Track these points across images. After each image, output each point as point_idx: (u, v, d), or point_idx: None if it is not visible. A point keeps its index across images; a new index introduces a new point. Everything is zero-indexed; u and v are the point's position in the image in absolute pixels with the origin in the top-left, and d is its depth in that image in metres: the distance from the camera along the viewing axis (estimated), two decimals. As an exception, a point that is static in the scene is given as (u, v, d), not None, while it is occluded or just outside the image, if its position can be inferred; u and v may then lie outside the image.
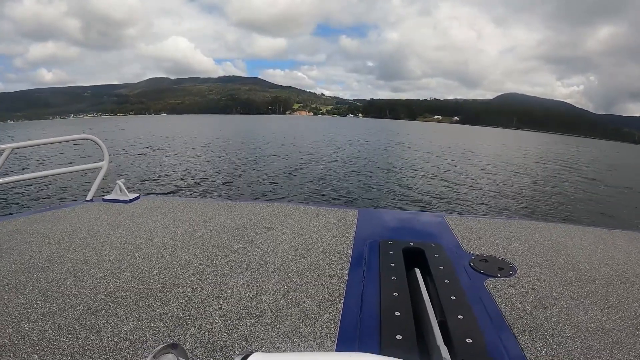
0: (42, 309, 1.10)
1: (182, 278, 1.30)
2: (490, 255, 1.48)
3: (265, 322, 1.03)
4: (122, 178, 2.44)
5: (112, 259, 1.47)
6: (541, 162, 22.84)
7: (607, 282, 1.30)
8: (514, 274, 1.33)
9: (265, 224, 1.89)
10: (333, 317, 1.05)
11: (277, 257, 1.48)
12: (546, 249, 1.59)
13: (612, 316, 1.08)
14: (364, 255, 1.48)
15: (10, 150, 2.13)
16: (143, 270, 1.37)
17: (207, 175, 12.60)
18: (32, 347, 0.92)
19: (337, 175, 13.21)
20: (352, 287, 1.22)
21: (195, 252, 1.53)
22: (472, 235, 1.72)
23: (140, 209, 2.17)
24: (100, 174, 2.54)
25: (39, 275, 1.32)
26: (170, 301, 1.14)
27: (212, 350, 0.91)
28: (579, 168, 21.07)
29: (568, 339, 0.96)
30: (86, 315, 1.07)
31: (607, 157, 36.39)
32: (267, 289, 1.21)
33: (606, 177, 18.07)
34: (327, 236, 1.71)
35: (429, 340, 0.88)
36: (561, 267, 1.41)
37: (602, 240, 1.73)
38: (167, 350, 0.39)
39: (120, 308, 1.10)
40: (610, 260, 1.49)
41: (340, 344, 0.93)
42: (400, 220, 2.10)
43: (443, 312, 1.00)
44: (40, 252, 1.55)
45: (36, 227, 1.86)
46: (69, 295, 1.18)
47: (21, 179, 2.49)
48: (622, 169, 24.36)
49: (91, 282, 1.27)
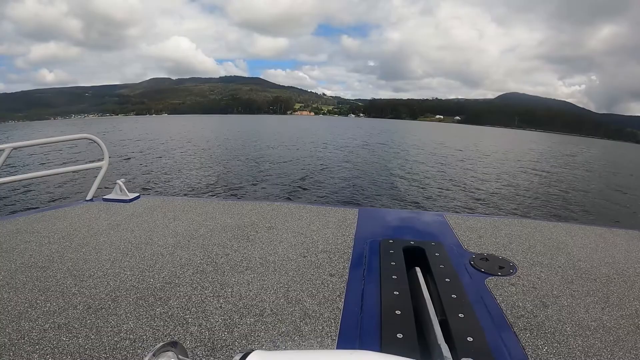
0: (42, 308, 1.10)
1: (182, 277, 1.30)
2: (490, 254, 1.48)
3: (266, 320, 1.03)
4: (122, 178, 2.44)
5: (112, 258, 1.47)
6: (543, 161, 22.71)
7: (608, 280, 1.30)
8: (515, 273, 1.33)
9: (265, 223, 1.89)
10: (334, 315, 1.05)
11: (277, 256, 1.48)
12: (547, 248, 1.59)
13: (613, 314, 1.08)
14: (365, 254, 1.48)
15: (11, 150, 2.15)
16: (143, 269, 1.37)
17: (207, 175, 12.63)
18: (31, 346, 0.92)
19: (337, 175, 13.23)
20: (352, 286, 1.22)
21: (195, 251, 1.53)
22: (472, 234, 1.72)
23: (141, 209, 2.17)
24: (100, 174, 2.54)
25: (39, 275, 1.33)
26: (171, 300, 1.14)
27: (212, 349, 0.91)
28: (581, 167, 20.95)
29: (569, 337, 0.96)
30: (86, 314, 1.07)
31: (610, 156, 36.18)
32: (268, 288, 1.21)
33: (609, 176, 18.00)
34: (328, 235, 1.71)
35: (430, 339, 0.87)
36: (562, 266, 1.41)
37: (603, 239, 1.73)
38: (167, 348, 0.39)
39: (120, 307, 1.10)
40: (611, 259, 1.49)
41: (340, 343, 0.93)
42: (401, 219, 2.09)
43: (444, 311, 0.99)
44: (40, 251, 1.55)
45: (36, 227, 1.86)
46: (68, 295, 1.18)
47: (21, 179, 2.49)
48: (624, 168, 24.20)
49: (91, 282, 1.27)
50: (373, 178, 13.15)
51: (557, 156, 28.27)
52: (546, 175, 16.29)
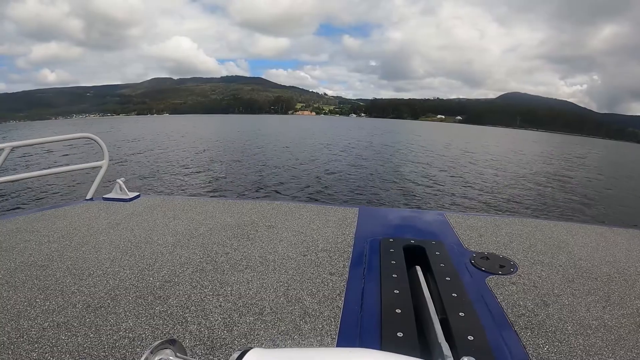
0: (41, 307, 1.10)
1: (181, 276, 1.30)
2: (491, 253, 1.48)
3: (265, 319, 1.03)
4: (122, 177, 2.46)
5: (111, 257, 1.47)
6: (546, 161, 22.51)
7: (609, 279, 1.30)
8: (515, 272, 1.33)
9: (265, 222, 1.89)
10: (333, 314, 1.05)
11: (277, 254, 1.48)
12: (548, 247, 1.59)
13: (614, 313, 1.08)
14: (365, 253, 1.48)
15: (10, 149, 2.15)
16: (142, 268, 1.37)
17: (207, 175, 12.64)
18: (30, 344, 0.92)
19: (337, 175, 13.22)
20: (352, 285, 1.22)
21: (195, 250, 1.53)
22: (473, 233, 1.73)
23: (140, 208, 2.17)
24: (100, 173, 2.55)
25: (38, 274, 1.33)
26: (170, 299, 1.14)
27: (211, 348, 0.91)
28: (583, 166, 20.75)
29: (570, 336, 0.96)
30: (85, 313, 1.07)
31: (614, 156, 35.91)
32: (267, 287, 1.21)
33: (611, 175, 17.80)
34: (328, 234, 1.72)
35: (430, 338, 0.87)
36: (563, 265, 1.41)
37: (604, 238, 1.74)
38: (165, 346, 0.39)
39: (119, 306, 1.10)
40: (611, 258, 1.50)
41: (340, 341, 0.93)
42: (401, 218, 2.09)
43: (444, 310, 0.99)
44: (39, 250, 1.55)
45: (36, 226, 1.86)
46: (68, 293, 1.18)
47: (21, 178, 2.51)
48: (623, 167, 24.01)
49: (90, 280, 1.27)
50: (376, 178, 13.05)
51: (563, 157, 28.09)
52: (557, 177, 16.03)
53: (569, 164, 22.23)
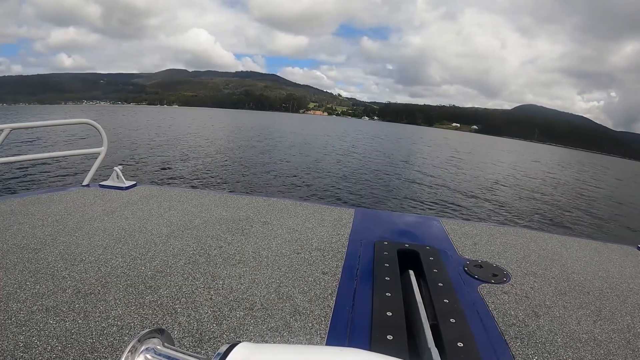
0: (31, 290, 1.09)
1: (173, 267, 1.29)
2: (484, 261, 1.47)
3: (255, 315, 1.02)
4: (120, 165, 2.44)
5: (104, 244, 1.46)
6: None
7: (601, 294, 1.31)
8: (508, 281, 1.33)
9: (260, 218, 1.87)
10: (324, 313, 1.05)
11: (270, 251, 1.47)
12: (541, 258, 1.59)
13: (604, 328, 1.08)
14: (358, 255, 1.47)
15: (9, 130, 2.12)
16: (135, 257, 1.36)
17: (205, 168, 12.36)
18: (18, 327, 0.92)
19: (338, 175, 13.10)
20: (344, 285, 1.21)
21: (188, 242, 1.52)
22: (467, 241, 1.71)
23: (136, 197, 2.15)
24: (98, 160, 2.51)
25: (30, 257, 1.32)
26: (161, 289, 1.13)
27: (200, 340, 0.90)
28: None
29: (560, 348, 0.96)
30: (75, 298, 1.06)
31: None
32: (259, 282, 1.21)
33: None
34: (322, 233, 1.70)
35: (420, 342, 0.87)
36: (555, 277, 1.41)
37: (598, 253, 1.74)
38: (152, 335, 0.39)
39: (109, 293, 1.10)
40: (604, 273, 1.50)
41: (330, 341, 0.93)
42: (397, 222, 2.03)
43: (435, 315, 0.99)
44: (33, 233, 1.54)
45: (31, 209, 1.84)
46: (59, 278, 1.17)
47: (19, 160, 2.51)
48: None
49: (82, 266, 1.26)
50: (374, 180, 12.65)
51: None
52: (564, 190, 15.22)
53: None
